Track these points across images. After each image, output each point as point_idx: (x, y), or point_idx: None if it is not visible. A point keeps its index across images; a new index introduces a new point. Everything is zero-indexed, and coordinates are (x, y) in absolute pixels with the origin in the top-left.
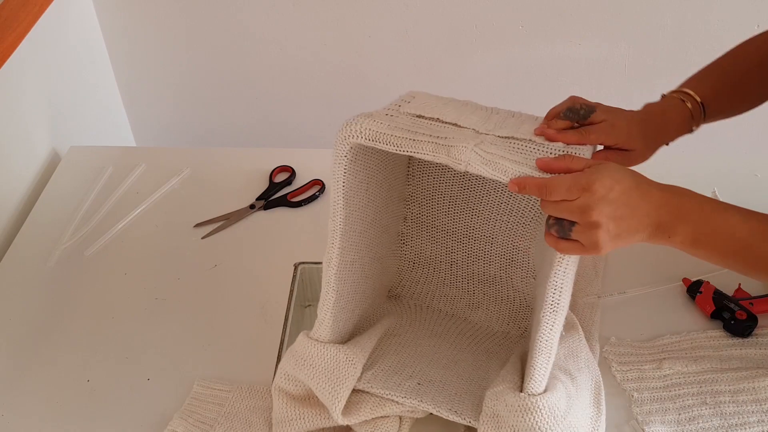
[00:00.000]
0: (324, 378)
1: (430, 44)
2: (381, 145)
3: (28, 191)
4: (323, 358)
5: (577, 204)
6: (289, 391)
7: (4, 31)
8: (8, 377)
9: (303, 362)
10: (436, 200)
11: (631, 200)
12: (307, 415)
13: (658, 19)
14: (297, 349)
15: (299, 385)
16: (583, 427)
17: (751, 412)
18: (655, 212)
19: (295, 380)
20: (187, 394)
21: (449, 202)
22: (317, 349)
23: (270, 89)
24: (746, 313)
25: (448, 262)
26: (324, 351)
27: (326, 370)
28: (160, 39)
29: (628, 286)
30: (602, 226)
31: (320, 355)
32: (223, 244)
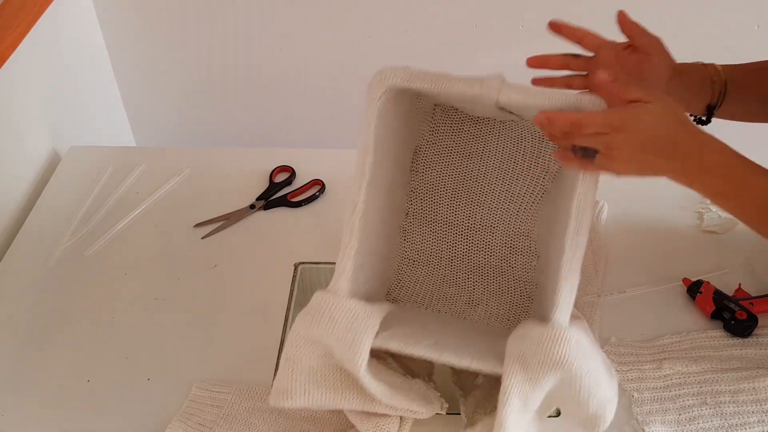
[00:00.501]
0: (344, 330)
1: (430, 44)
2: (416, 84)
3: (28, 191)
4: (342, 310)
5: (606, 140)
6: (299, 360)
7: (4, 31)
8: (8, 377)
9: (320, 316)
10: (439, 194)
11: (662, 145)
12: (311, 392)
13: (658, 19)
14: (313, 306)
15: (312, 349)
16: (605, 381)
17: (751, 412)
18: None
19: (309, 343)
20: (187, 394)
21: (451, 195)
22: (336, 301)
23: (270, 89)
24: (746, 313)
25: (449, 257)
26: (343, 303)
27: (346, 321)
28: (160, 39)
29: (628, 285)
30: (627, 163)
31: (339, 307)
32: (223, 244)
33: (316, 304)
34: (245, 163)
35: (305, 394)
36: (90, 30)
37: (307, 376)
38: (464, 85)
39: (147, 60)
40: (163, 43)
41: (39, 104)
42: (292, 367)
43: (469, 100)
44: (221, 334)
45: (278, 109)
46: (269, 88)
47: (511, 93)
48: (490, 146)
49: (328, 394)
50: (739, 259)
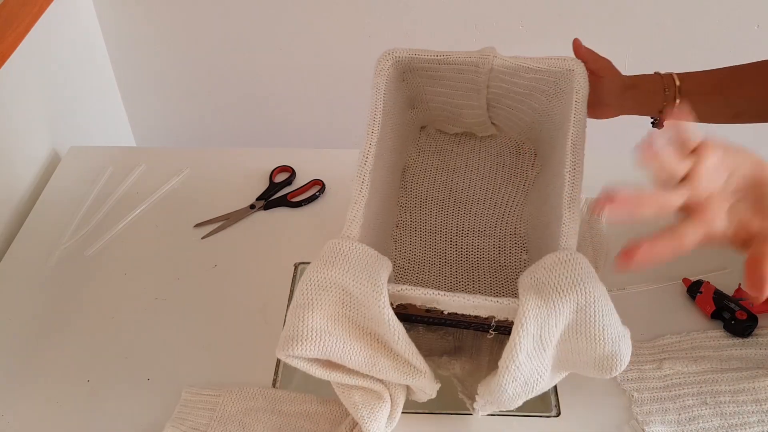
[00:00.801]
0: (361, 267)
1: (430, 44)
2: (420, 55)
3: (28, 191)
4: (356, 251)
5: None
6: (310, 305)
7: (4, 31)
8: (8, 377)
9: (335, 257)
10: (427, 206)
11: None
12: (323, 339)
13: (658, 19)
14: (326, 251)
15: (325, 295)
16: (614, 311)
17: (751, 412)
18: None
19: (321, 288)
20: None
21: (439, 206)
22: (350, 243)
23: (270, 89)
24: (746, 313)
25: (440, 262)
26: (356, 246)
27: (361, 260)
28: (160, 39)
29: (627, 283)
30: None
31: (353, 248)
32: (223, 244)
33: (329, 249)
34: (245, 163)
35: (316, 340)
36: (90, 30)
37: (319, 321)
38: (462, 55)
39: (147, 60)
40: (163, 43)
41: (39, 104)
42: (302, 312)
43: (465, 73)
44: (221, 334)
45: (278, 109)
46: (269, 89)
47: (503, 59)
48: (472, 161)
49: (340, 343)
50: (739, 259)
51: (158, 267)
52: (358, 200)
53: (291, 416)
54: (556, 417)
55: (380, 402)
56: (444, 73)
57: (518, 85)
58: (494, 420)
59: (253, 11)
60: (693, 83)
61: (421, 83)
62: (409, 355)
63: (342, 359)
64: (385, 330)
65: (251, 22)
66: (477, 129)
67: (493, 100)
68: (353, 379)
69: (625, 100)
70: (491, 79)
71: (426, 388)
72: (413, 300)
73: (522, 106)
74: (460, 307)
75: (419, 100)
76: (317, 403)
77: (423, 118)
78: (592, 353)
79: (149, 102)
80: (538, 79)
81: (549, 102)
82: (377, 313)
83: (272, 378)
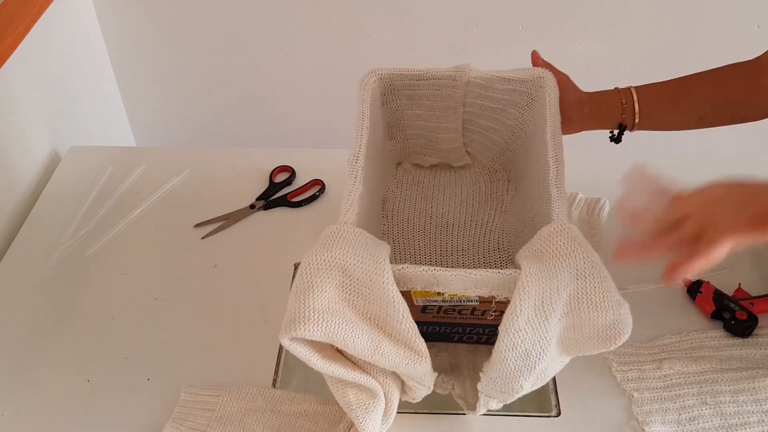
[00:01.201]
0: (360, 248)
1: (430, 44)
2: (401, 72)
3: (28, 191)
4: (356, 234)
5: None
6: (312, 287)
7: (4, 30)
8: (8, 377)
9: (334, 240)
10: (409, 232)
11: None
12: (326, 320)
13: (658, 19)
14: (324, 235)
15: (327, 276)
16: (611, 279)
17: (751, 412)
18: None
19: (322, 270)
20: None
21: (421, 232)
22: (348, 228)
23: (270, 89)
24: (746, 313)
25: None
26: (355, 230)
27: (361, 241)
28: (160, 39)
29: (628, 283)
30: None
31: (352, 232)
32: (223, 244)
33: (327, 233)
34: (245, 163)
35: (320, 321)
36: (90, 30)
37: (321, 302)
38: (440, 70)
39: (147, 60)
40: (163, 43)
41: (39, 104)
42: (304, 295)
43: (443, 88)
44: (221, 334)
45: (278, 109)
46: (269, 89)
47: (478, 71)
48: (449, 190)
49: (343, 324)
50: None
51: (158, 267)
52: (352, 194)
53: (290, 416)
54: (556, 417)
55: (375, 401)
56: (423, 91)
57: (492, 99)
58: (494, 420)
59: (253, 11)
60: (651, 93)
61: (401, 106)
62: (411, 334)
63: (345, 342)
64: (389, 308)
65: (251, 22)
66: (452, 158)
67: (468, 121)
68: (351, 374)
69: (584, 113)
70: (467, 94)
71: (425, 376)
72: (414, 280)
73: (496, 126)
74: (461, 285)
75: (398, 127)
76: (316, 403)
77: (400, 152)
78: (596, 323)
79: (149, 102)
80: (511, 90)
81: (522, 114)
82: (381, 291)
83: (272, 378)
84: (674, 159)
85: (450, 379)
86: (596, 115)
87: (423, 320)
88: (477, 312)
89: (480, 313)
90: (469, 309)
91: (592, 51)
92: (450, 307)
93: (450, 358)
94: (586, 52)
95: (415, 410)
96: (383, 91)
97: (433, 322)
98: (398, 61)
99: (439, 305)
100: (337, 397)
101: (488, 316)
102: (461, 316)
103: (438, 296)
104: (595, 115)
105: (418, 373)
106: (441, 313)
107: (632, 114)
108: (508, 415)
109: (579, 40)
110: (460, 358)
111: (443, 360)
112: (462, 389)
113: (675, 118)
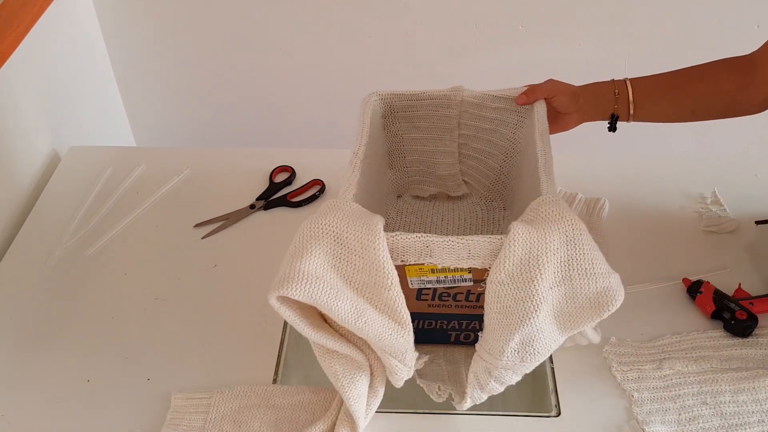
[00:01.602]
0: (355, 217)
1: (430, 44)
2: (401, 92)
3: (28, 191)
4: (351, 206)
5: None
6: (303, 251)
7: (4, 30)
8: (8, 377)
9: (330, 210)
10: (411, 228)
11: None
12: (312, 283)
13: (658, 19)
14: (322, 208)
15: (319, 243)
16: (598, 248)
17: (751, 412)
18: None
19: (315, 237)
20: None
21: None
22: (345, 202)
23: (270, 89)
24: (746, 313)
25: None
26: (351, 204)
27: (356, 212)
28: (160, 39)
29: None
30: None
31: (348, 204)
32: (223, 244)
33: (325, 206)
34: (245, 163)
35: (306, 282)
36: (90, 30)
37: (310, 266)
38: (436, 91)
39: (147, 60)
40: (163, 43)
41: (39, 104)
42: (294, 258)
43: (439, 108)
44: (221, 334)
45: (278, 109)
46: (269, 89)
47: (470, 91)
48: (447, 218)
49: (328, 288)
50: (739, 259)
51: (158, 267)
52: (352, 179)
53: (285, 408)
54: (556, 417)
55: (360, 371)
56: (420, 112)
57: (485, 119)
58: (495, 420)
59: (254, 11)
60: (645, 85)
61: (400, 130)
62: (398, 303)
63: (329, 306)
64: (379, 275)
65: (251, 22)
66: (450, 186)
67: (464, 145)
68: (337, 344)
69: (580, 105)
70: (461, 114)
71: (407, 352)
72: (407, 249)
73: (490, 149)
74: (454, 256)
75: (398, 154)
76: (310, 393)
77: (400, 182)
78: (587, 290)
79: (149, 102)
80: (502, 109)
81: (514, 133)
82: (372, 257)
83: (272, 377)
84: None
85: (447, 388)
86: (591, 107)
87: (419, 311)
88: (472, 297)
89: (475, 298)
90: (464, 293)
91: (592, 51)
92: (445, 291)
93: (447, 365)
94: (586, 52)
95: (414, 410)
96: (384, 113)
97: (429, 314)
98: (398, 60)
99: (434, 287)
100: (324, 368)
101: (483, 293)
102: (456, 303)
103: (432, 274)
104: (589, 107)
105: (400, 347)
106: (436, 300)
107: (626, 104)
108: (508, 415)
109: (579, 40)
110: (458, 365)
111: (440, 367)
112: (460, 396)
113: (668, 109)
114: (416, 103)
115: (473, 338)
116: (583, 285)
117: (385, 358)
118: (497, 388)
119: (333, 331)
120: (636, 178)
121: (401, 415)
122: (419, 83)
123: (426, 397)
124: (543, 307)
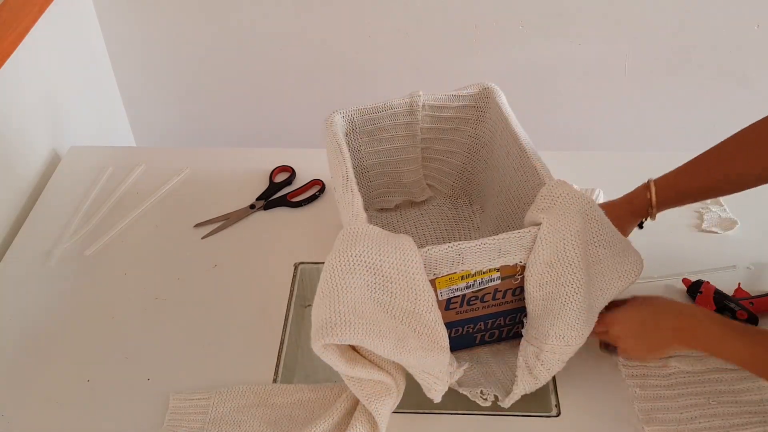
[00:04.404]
0: (384, 242)
1: (430, 44)
2: (362, 108)
3: (28, 191)
4: (374, 231)
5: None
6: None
7: (4, 31)
8: (8, 377)
9: (355, 239)
10: None
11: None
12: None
13: (658, 19)
14: (341, 238)
15: (351, 278)
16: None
17: (751, 412)
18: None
19: (346, 272)
20: None
21: None
22: (364, 226)
23: (270, 89)
24: (747, 313)
25: None
26: (372, 227)
27: (381, 236)
28: (160, 39)
29: None
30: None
31: (370, 229)
32: (223, 244)
33: (344, 235)
34: (245, 163)
35: (349, 325)
36: (90, 30)
37: (350, 305)
38: (397, 100)
39: (147, 60)
40: (163, 43)
41: (39, 104)
42: (330, 299)
43: (401, 116)
44: (221, 334)
45: (278, 109)
46: (269, 88)
47: (431, 95)
48: (419, 223)
49: (370, 325)
50: (740, 259)
51: (158, 267)
52: (354, 203)
53: (284, 407)
54: (556, 417)
55: (389, 392)
56: (383, 123)
57: (446, 120)
58: (495, 420)
59: (253, 11)
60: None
61: (362, 145)
62: (437, 324)
63: (374, 345)
64: (418, 298)
65: (251, 22)
66: (415, 192)
67: (426, 149)
68: (372, 374)
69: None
70: (423, 119)
71: (443, 370)
72: (440, 261)
73: (452, 148)
74: (486, 257)
75: (360, 171)
76: (308, 391)
77: (363, 199)
78: (612, 261)
79: (149, 102)
80: (462, 107)
81: (475, 129)
82: (411, 281)
83: (272, 377)
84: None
85: (489, 390)
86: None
87: (448, 321)
88: (499, 295)
89: (502, 296)
90: (491, 293)
91: (592, 51)
92: (473, 295)
93: (479, 367)
94: (586, 52)
95: (416, 410)
96: (346, 131)
97: (456, 321)
98: (398, 60)
99: (462, 294)
100: (354, 391)
101: (510, 289)
102: (483, 304)
103: (462, 281)
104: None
105: (438, 365)
106: (465, 306)
107: (649, 208)
108: (508, 415)
109: (579, 40)
110: (488, 365)
111: (475, 371)
112: (503, 393)
113: (699, 195)
114: (377, 115)
115: (497, 336)
116: (608, 256)
117: (423, 377)
118: (544, 374)
119: (365, 361)
120: (636, 178)
121: (402, 415)
122: (419, 83)
123: (426, 397)
124: (582, 287)
